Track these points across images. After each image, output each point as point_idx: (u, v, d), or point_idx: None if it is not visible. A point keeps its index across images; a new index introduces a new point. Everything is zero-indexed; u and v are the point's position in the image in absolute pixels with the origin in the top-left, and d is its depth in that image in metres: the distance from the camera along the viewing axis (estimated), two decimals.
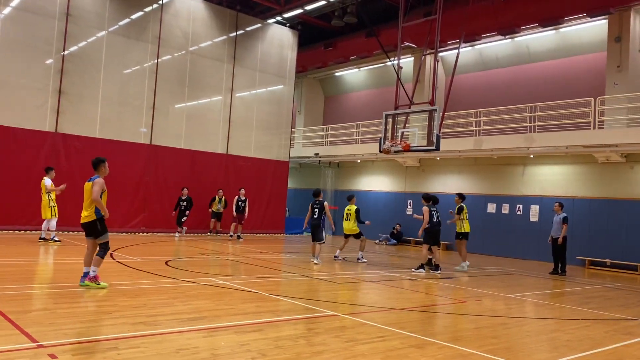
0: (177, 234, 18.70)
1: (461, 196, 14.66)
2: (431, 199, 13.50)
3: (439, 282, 11.52)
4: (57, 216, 13.94)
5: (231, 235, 19.21)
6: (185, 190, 18.71)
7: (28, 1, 16.52)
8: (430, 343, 5.90)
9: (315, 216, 13.58)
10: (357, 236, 14.67)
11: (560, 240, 14.43)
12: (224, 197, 19.82)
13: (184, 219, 18.67)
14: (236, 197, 19.28)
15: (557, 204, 14.99)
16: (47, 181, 13.88)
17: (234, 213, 19.12)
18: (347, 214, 14.88)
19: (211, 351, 5.03)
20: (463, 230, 14.26)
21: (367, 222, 15.14)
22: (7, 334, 5.13)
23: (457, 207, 14.37)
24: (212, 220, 19.95)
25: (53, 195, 13.83)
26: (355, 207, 14.84)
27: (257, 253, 14.92)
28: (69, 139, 17.24)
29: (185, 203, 18.62)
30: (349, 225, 14.73)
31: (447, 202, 21.27)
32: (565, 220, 14.54)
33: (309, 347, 5.39)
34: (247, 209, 19.36)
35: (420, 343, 5.87)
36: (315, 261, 13.14)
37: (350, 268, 13.11)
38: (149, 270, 10.19)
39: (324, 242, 13.78)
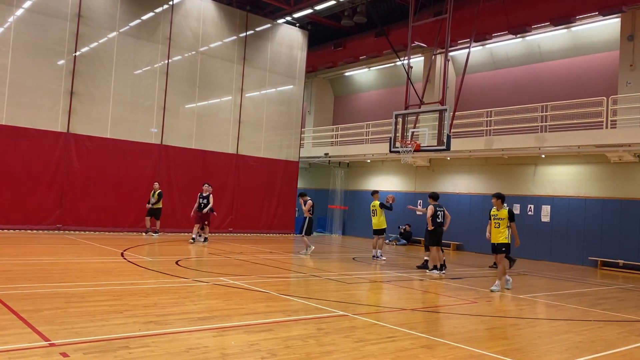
0: (197, 237, 16.48)
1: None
2: (437, 198, 13.39)
3: (450, 282, 11.47)
4: None
5: (193, 238, 16.28)
6: (206, 187, 16.57)
7: (40, 3, 16.68)
8: (441, 344, 5.87)
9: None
10: (380, 232, 14.78)
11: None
12: (159, 191, 17.44)
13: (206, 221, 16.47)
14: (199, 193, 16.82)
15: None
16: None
17: (193, 212, 16.52)
18: (372, 210, 15.03)
19: (221, 351, 5.04)
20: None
21: (389, 200, 15.26)
22: (19, 332, 5.17)
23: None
24: (147, 217, 17.51)
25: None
26: (379, 202, 14.93)
27: (266, 253, 14.94)
28: (81, 139, 17.38)
29: (205, 201, 16.45)
30: (376, 220, 14.89)
31: (458, 202, 21.22)
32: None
33: (319, 347, 5.38)
34: (210, 206, 16.30)
35: (431, 344, 5.85)
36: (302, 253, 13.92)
37: (360, 268, 13.09)
38: (160, 269, 10.25)
39: (302, 235, 14.98)
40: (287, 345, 5.37)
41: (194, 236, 16.30)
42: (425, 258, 13.25)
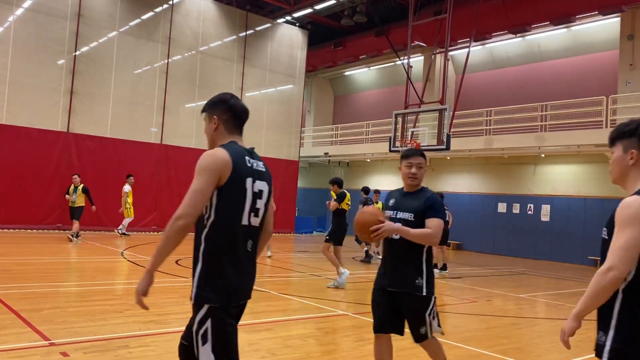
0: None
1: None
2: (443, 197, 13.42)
3: (449, 282, 11.48)
4: (132, 216, 16.51)
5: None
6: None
7: (40, 2, 16.67)
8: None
9: None
10: None
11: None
12: (81, 185, 14.41)
13: None
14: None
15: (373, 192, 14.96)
16: (126, 187, 16.30)
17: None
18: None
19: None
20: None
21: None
22: (20, 331, 5.18)
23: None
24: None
25: (130, 199, 16.09)
26: (381, 204, 14.72)
27: (266, 252, 14.93)
28: (81, 138, 17.38)
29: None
30: None
31: (458, 201, 21.21)
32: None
33: (319, 347, 5.39)
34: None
35: None
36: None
37: (359, 267, 13.10)
38: (160, 269, 10.24)
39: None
40: (287, 344, 5.38)
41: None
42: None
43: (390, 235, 3.78)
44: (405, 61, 17.27)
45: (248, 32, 21.54)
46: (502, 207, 19.81)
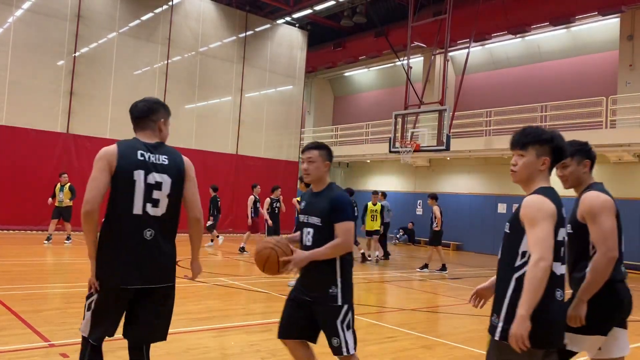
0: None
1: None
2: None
3: (449, 282, 11.47)
4: None
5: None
6: (278, 191, 14.29)
7: (40, 3, 16.68)
8: (441, 344, 5.87)
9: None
10: (377, 234, 14.47)
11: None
12: (68, 184, 13.92)
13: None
14: None
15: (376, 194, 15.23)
16: None
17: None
18: (373, 214, 14.45)
19: (221, 351, 5.05)
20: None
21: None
22: (19, 332, 5.17)
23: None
24: (53, 220, 13.88)
25: None
26: (382, 206, 14.62)
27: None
28: (80, 140, 17.37)
29: (278, 204, 14.14)
30: (375, 223, 14.38)
31: (458, 202, 21.21)
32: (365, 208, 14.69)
33: (319, 348, 5.38)
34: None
35: (430, 344, 5.85)
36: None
37: (359, 268, 13.09)
38: None
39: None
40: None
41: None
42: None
43: (304, 242, 3.57)
44: (405, 62, 17.27)
45: (248, 33, 21.55)
46: (502, 208, 19.80)
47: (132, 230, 3.01)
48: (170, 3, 19.32)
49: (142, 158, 3.08)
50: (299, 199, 14.04)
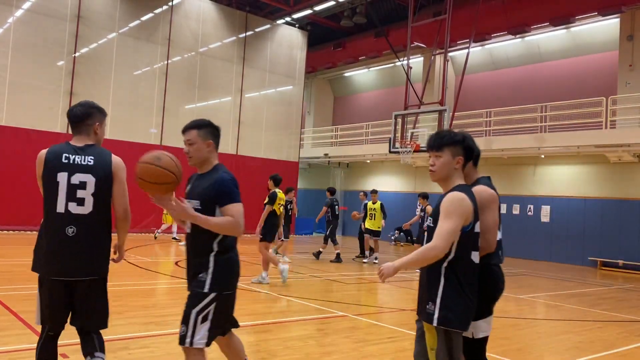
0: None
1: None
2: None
3: None
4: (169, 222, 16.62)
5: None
6: (292, 193, 13.73)
7: (39, 3, 16.68)
8: None
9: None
10: (377, 234, 14.35)
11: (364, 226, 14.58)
12: None
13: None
14: None
15: (362, 193, 15.50)
16: None
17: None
18: (371, 213, 14.34)
19: (221, 351, 5.04)
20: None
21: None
22: (19, 333, 5.17)
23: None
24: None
25: None
26: (380, 204, 14.47)
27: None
28: None
29: (291, 206, 13.93)
30: (375, 222, 14.22)
31: None
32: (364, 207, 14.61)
33: (319, 348, 5.39)
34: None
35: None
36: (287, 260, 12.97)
37: (359, 268, 13.09)
38: (160, 270, 10.25)
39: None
40: (287, 345, 5.37)
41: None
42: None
43: (186, 230, 3.34)
44: (405, 62, 17.27)
45: (248, 33, 21.55)
46: (502, 208, 19.74)
47: (55, 227, 3.26)
48: (170, 3, 19.32)
49: (66, 161, 3.31)
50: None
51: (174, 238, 16.86)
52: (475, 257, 3.08)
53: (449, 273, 2.99)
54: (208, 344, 3.17)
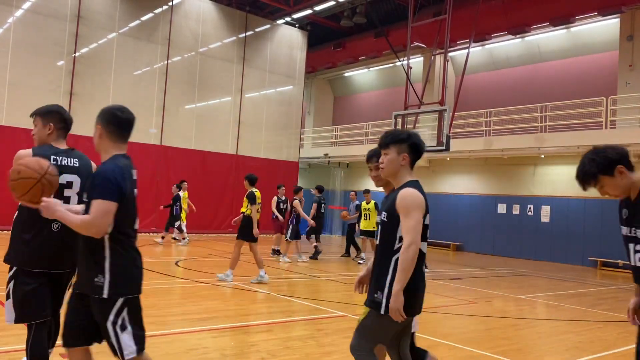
0: (301, 257, 13.75)
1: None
2: None
3: (450, 282, 11.47)
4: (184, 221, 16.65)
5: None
6: (282, 190, 14.60)
7: (39, 3, 16.68)
8: (441, 344, 5.87)
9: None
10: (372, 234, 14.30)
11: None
12: None
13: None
14: None
15: (352, 193, 15.88)
16: (181, 193, 16.39)
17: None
18: (366, 213, 14.31)
19: (221, 351, 5.04)
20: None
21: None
22: (19, 333, 5.16)
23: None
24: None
25: (185, 205, 16.36)
26: (374, 203, 14.43)
27: (266, 254, 14.93)
28: (81, 140, 17.28)
29: (285, 206, 14.45)
30: (370, 222, 14.22)
31: (457, 202, 21.22)
32: (357, 207, 14.88)
33: (319, 348, 5.38)
34: None
35: (430, 344, 5.84)
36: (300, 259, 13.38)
37: (359, 268, 13.09)
38: (160, 270, 10.24)
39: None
40: (286, 345, 5.37)
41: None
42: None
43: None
44: (405, 62, 17.25)
45: (248, 33, 21.55)
46: (502, 208, 19.80)
47: (42, 222, 3.39)
48: (170, 3, 19.32)
49: (54, 162, 3.54)
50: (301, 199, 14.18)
51: (174, 238, 16.80)
52: (424, 247, 3.17)
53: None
54: (137, 351, 3.02)
